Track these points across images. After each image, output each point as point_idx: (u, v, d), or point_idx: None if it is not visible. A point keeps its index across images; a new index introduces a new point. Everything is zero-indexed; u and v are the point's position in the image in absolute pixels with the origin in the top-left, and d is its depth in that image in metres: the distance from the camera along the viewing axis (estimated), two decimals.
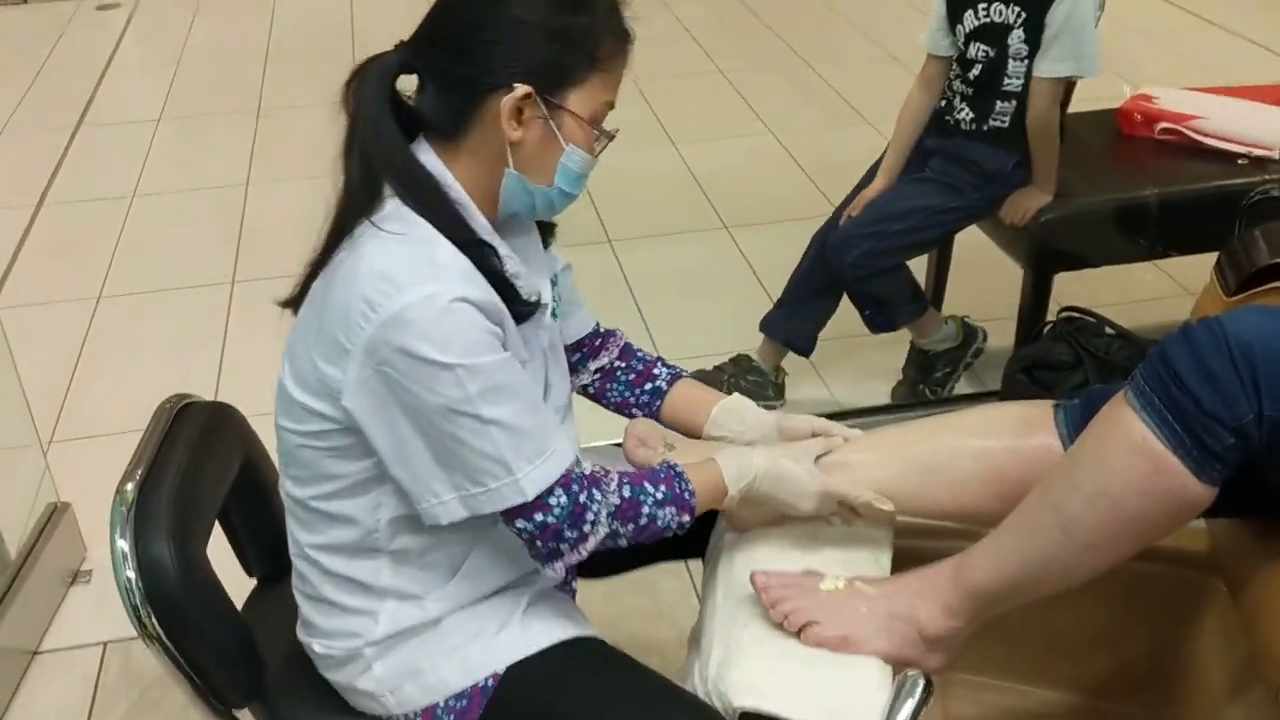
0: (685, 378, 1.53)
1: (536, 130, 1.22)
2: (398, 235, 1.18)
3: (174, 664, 1.33)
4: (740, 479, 1.31)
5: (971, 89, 2.33)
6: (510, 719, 1.28)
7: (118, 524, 1.30)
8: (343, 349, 1.17)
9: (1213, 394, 1.10)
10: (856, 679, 1.27)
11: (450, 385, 1.14)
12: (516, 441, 1.17)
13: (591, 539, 1.22)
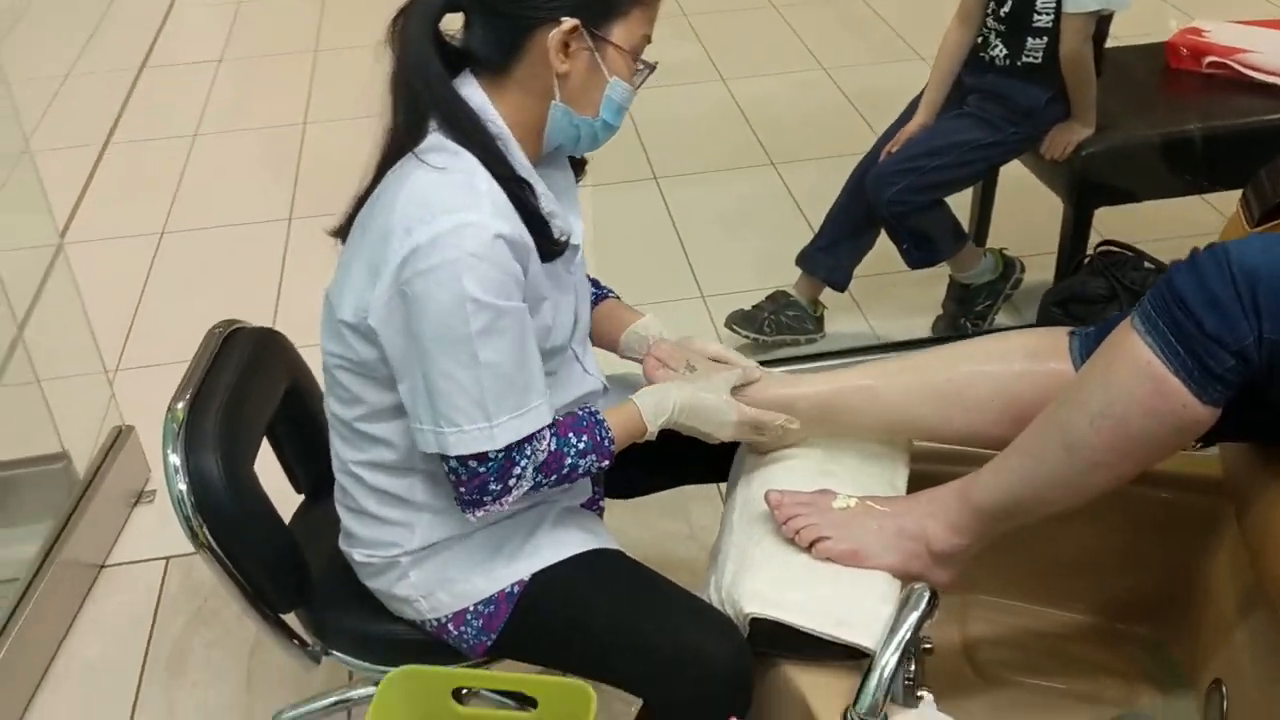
0: (611, 299, 1.60)
1: (582, 63, 1.26)
2: (438, 165, 1.24)
3: (225, 571, 1.43)
4: (658, 415, 1.38)
5: (1004, 25, 2.32)
6: (534, 623, 1.36)
7: (169, 440, 1.39)
8: (377, 270, 1.23)
9: (1215, 317, 1.13)
10: (864, 591, 1.33)
11: (455, 316, 1.19)
12: (501, 390, 1.23)
13: (515, 492, 1.28)
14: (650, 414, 1.38)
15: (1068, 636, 1.71)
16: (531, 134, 1.31)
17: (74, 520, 2.12)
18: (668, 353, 1.48)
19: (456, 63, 1.29)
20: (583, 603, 1.36)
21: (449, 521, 1.37)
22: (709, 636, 1.31)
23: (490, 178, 1.24)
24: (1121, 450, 1.21)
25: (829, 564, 1.35)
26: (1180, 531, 1.61)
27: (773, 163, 3.43)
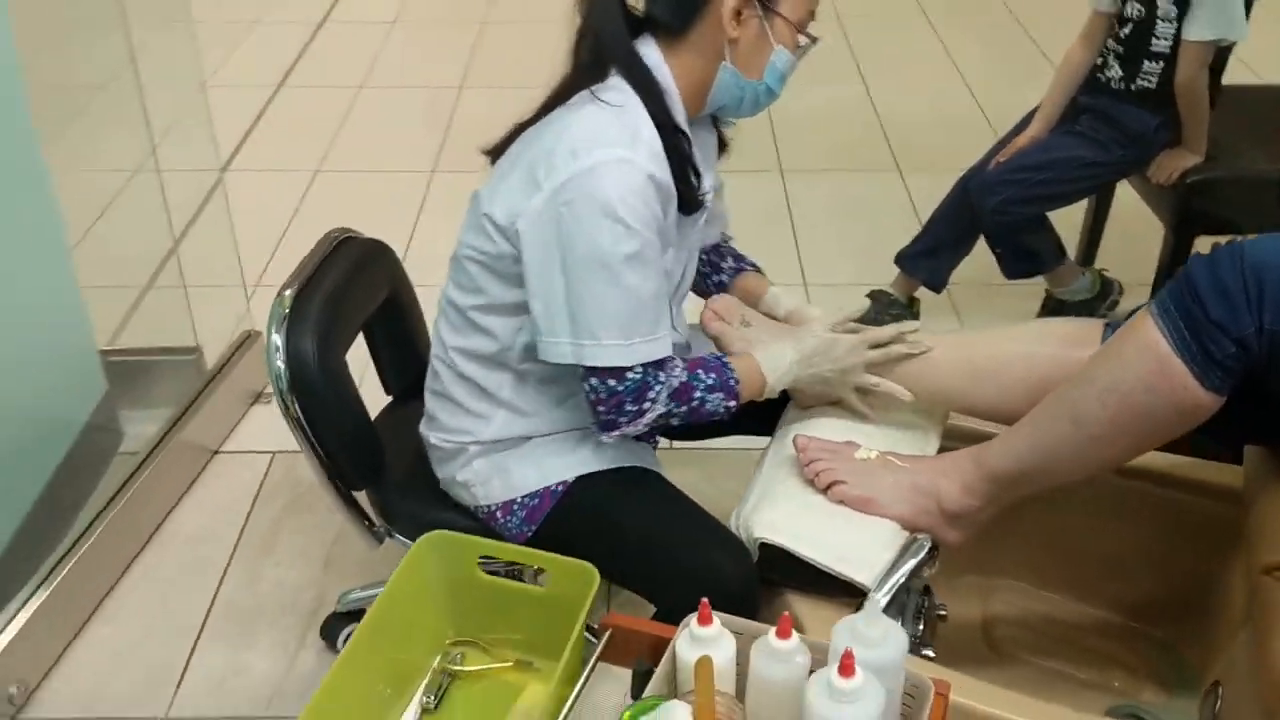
0: (748, 270, 1.70)
1: (752, 30, 1.39)
2: (612, 106, 1.37)
3: (308, 444, 1.60)
4: (775, 370, 1.48)
5: (1122, 47, 2.36)
6: (571, 519, 1.49)
7: (274, 322, 1.57)
8: (536, 183, 1.36)
9: (1221, 304, 1.19)
10: (869, 534, 1.42)
11: (607, 238, 1.32)
12: (638, 313, 1.35)
13: (650, 414, 1.40)
14: (768, 366, 1.48)
15: (1084, 628, 1.77)
16: (697, 94, 1.44)
17: (196, 407, 2.34)
18: (724, 307, 1.60)
19: (634, 28, 1.42)
20: (615, 509, 1.49)
21: (521, 422, 1.52)
22: (722, 556, 1.42)
23: (653, 126, 1.37)
24: (1123, 425, 1.28)
25: (842, 507, 1.45)
26: (1204, 539, 1.65)
27: (898, 168, 3.50)
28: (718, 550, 1.43)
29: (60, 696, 1.89)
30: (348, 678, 1.21)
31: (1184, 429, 1.28)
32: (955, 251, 2.63)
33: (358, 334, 1.71)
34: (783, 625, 1.07)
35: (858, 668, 0.99)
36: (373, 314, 1.75)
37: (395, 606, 1.30)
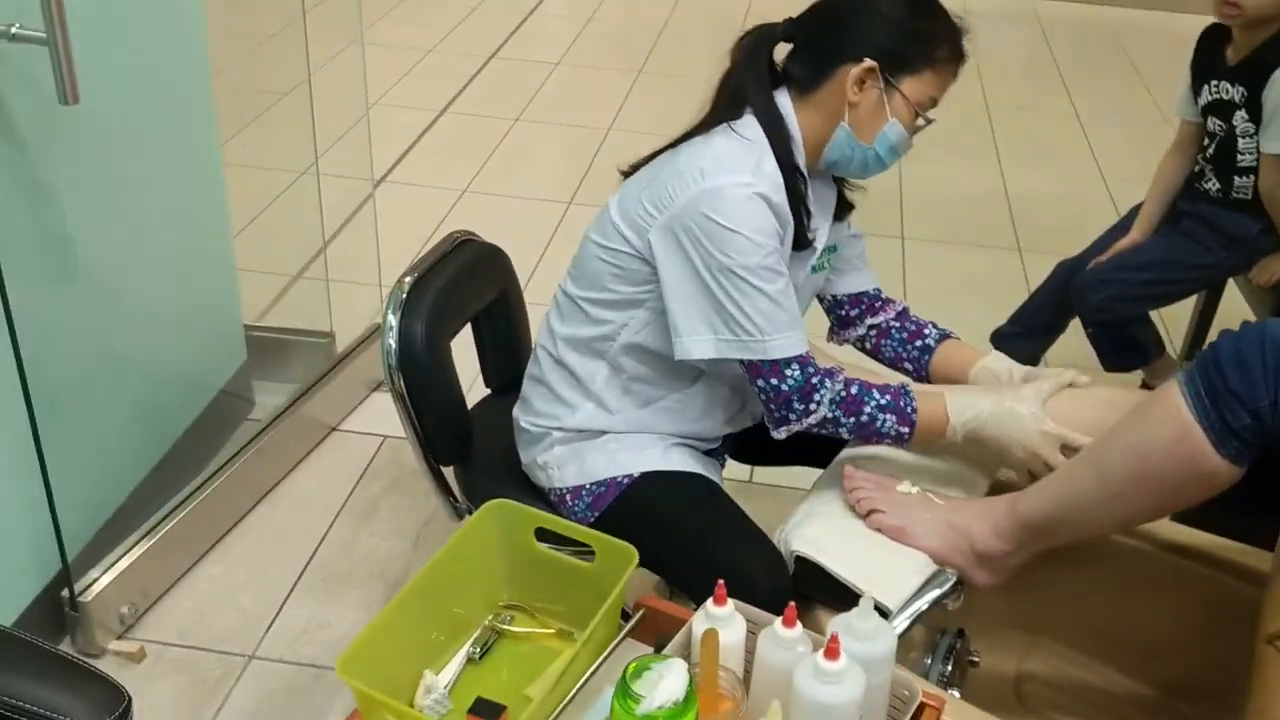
0: (953, 339, 1.78)
1: (872, 99, 1.53)
2: (741, 138, 1.53)
3: (407, 417, 1.77)
4: (962, 413, 1.54)
5: (1212, 164, 2.42)
6: (630, 511, 1.62)
7: (391, 303, 1.75)
8: (669, 198, 1.51)
9: (1239, 376, 1.27)
10: (900, 562, 1.52)
11: (738, 251, 1.46)
12: (774, 313, 1.49)
13: (815, 415, 1.52)
14: (955, 409, 1.54)
15: (1116, 696, 1.81)
16: (816, 145, 1.58)
17: (321, 385, 2.56)
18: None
19: (773, 79, 1.59)
20: (670, 506, 1.61)
21: (604, 417, 1.66)
22: (759, 563, 1.53)
23: (775, 163, 1.53)
24: (1143, 484, 1.35)
25: (878, 534, 1.55)
26: (1243, 623, 1.68)
27: (1019, 247, 3.56)
28: (756, 557, 1.54)
29: (164, 623, 2.09)
30: (402, 615, 1.36)
31: (1201, 494, 1.35)
32: (1049, 335, 2.69)
33: (464, 325, 1.88)
34: (788, 615, 1.18)
35: (842, 653, 1.10)
36: (481, 310, 1.91)
37: (455, 561, 1.44)
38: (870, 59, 1.52)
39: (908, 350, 1.78)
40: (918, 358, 1.76)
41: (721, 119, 1.56)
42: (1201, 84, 2.42)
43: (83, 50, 1.61)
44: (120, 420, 2.18)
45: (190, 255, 2.37)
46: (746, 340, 1.50)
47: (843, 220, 1.72)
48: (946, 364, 1.74)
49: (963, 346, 1.76)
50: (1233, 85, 2.34)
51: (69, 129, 1.92)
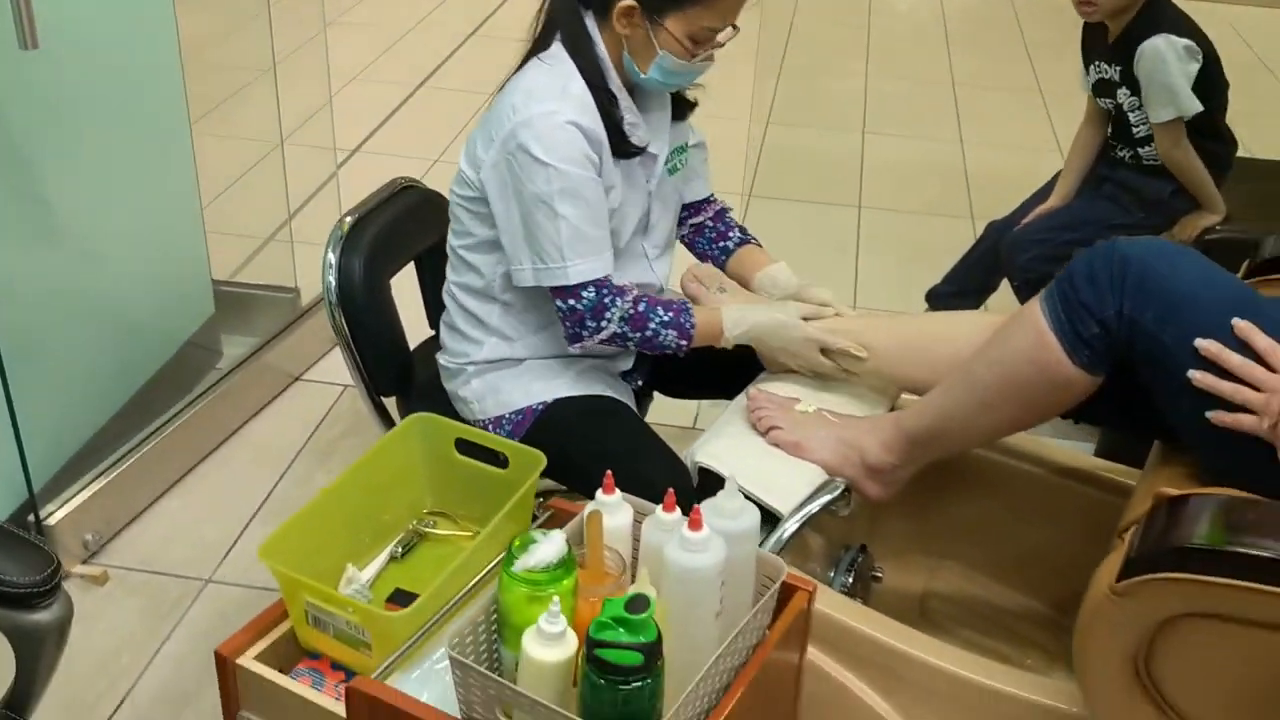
0: (751, 244, 1.92)
1: (640, 34, 1.64)
2: (549, 67, 1.66)
3: (348, 350, 1.88)
4: (736, 327, 1.70)
5: (1114, 135, 2.58)
6: (547, 434, 1.73)
7: (332, 243, 1.86)
8: (490, 137, 1.65)
9: (1089, 288, 1.38)
10: (793, 472, 1.63)
11: (541, 179, 1.59)
12: (575, 239, 1.61)
13: (606, 331, 1.65)
14: (730, 323, 1.70)
15: (1012, 612, 1.92)
16: (618, 67, 1.69)
17: (285, 336, 2.68)
18: (705, 273, 1.84)
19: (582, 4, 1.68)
20: (583, 428, 1.73)
21: (507, 346, 1.78)
22: (665, 473, 1.65)
23: (584, 84, 1.64)
24: (1008, 394, 1.47)
25: (776, 449, 1.67)
26: None
27: (972, 216, 3.67)
28: (662, 468, 1.66)
29: (126, 550, 2.22)
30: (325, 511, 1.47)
31: (1062, 402, 1.46)
32: (981, 294, 2.81)
33: (406, 264, 1.99)
34: (668, 501, 1.29)
35: (705, 525, 1.21)
36: (424, 252, 2.03)
37: (379, 468, 1.56)
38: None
39: (713, 249, 1.93)
40: (718, 256, 1.92)
41: (534, 51, 1.68)
42: (1088, 64, 2.57)
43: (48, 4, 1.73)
44: (87, 364, 2.30)
45: (156, 213, 2.49)
46: (552, 267, 1.61)
47: (684, 119, 1.82)
48: (740, 265, 1.89)
49: (756, 252, 1.91)
50: (1109, 65, 2.50)
51: (36, 85, 2.04)
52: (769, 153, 4.00)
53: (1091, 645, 1.26)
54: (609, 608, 1.12)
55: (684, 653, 1.22)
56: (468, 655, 1.24)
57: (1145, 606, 1.17)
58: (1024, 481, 1.88)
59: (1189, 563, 1.14)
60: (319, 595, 1.37)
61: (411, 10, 5.32)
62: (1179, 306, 1.33)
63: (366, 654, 1.37)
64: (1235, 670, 1.16)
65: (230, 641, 1.41)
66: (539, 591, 1.20)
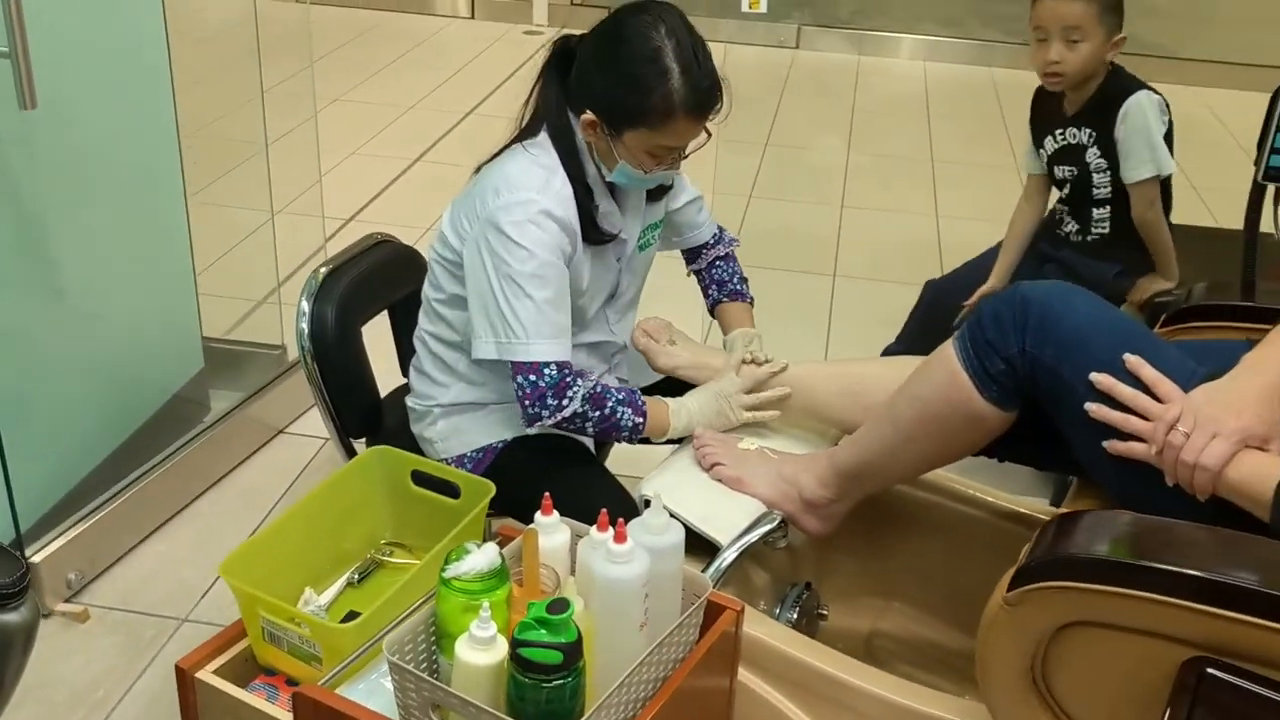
0: (742, 303, 2.06)
1: (602, 142, 1.75)
2: (533, 156, 1.77)
3: (319, 394, 1.99)
4: (678, 418, 1.82)
5: (1068, 205, 2.64)
6: (505, 470, 1.82)
7: (306, 292, 1.97)
8: (475, 213, 1.76)
9: (995, 328, 1.48)
10: (733, 505, 1.72)
11: (515, 261, 1.69)
12: (540, 320, 1.71)
13: (568, 410, 1.72)
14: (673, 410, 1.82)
15: (962, 654, 1.97)
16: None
17: (269, 389, 2.78)
18: (654, 327, 1.94)
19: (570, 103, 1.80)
20: (537, 466, 1.82)
21: (473, 391, 1.88)
22: (616, 508, 1.70)
23: (565, 177, 1.76)
24: (925, 428, 1.57)
25: (719, 484, 1.76)
26: None
27: None
28: (612, 501, 1.73)
29: (108, 590, 2.30)
30: (284, 534, 1.57)
31: (977, 437, 1.55)
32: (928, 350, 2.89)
33: (378, 313, 2.11)
34: (601, 521, 1.37)
35: (628, 539, 1.30)
36: (398, 303, 2.14)
37: (340, 497, 1.66)
38: (592, 112, 1.71)
39: (709, 291, 2.09)
40: (711, 301, 2.08)
41: (521, 137, 1.79)
42: (1044, 136, 2.65)
43: (48, 66, 1.86)
44: (77, 413, 2.41)
45: (152, 275, 2.64)
46: (513, 342, 1.70)
47: (659, 201, 1.94)
48: (722, 316, 2.06)
49: (733, 310, 2.05)
50: (1079, 129, 2.57)
51: (34, 144, 2.18)
52: (750, 225, 4.14)
53: (989, 655, 1.33)
54: (532, 610, 1.21)
55: (610, 661, 1.31)
56: (408, 663, 1.32)
57: (1035, 615, 1.26)
58: (969, 523, 1.96)
59: (1073, 572, 1.22)
60: (273, 610, 1.46)
61: (412, 90, 5.52)
62: (1075, 343, 1.43)
63: (318, 668, 1.45)
64: (1119, 676, 1.24)
65: (190, 656, 1.49)
66: (473, 601, 1.29)
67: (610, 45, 1.71)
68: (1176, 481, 1.34)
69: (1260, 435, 1.31)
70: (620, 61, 1.69)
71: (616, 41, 1.70)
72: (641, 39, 1.67)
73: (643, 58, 1.67)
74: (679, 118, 1.68)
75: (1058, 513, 1.38)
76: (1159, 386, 1.37)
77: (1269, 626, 1.14)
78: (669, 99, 1.67)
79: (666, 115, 1.67)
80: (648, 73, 1.67)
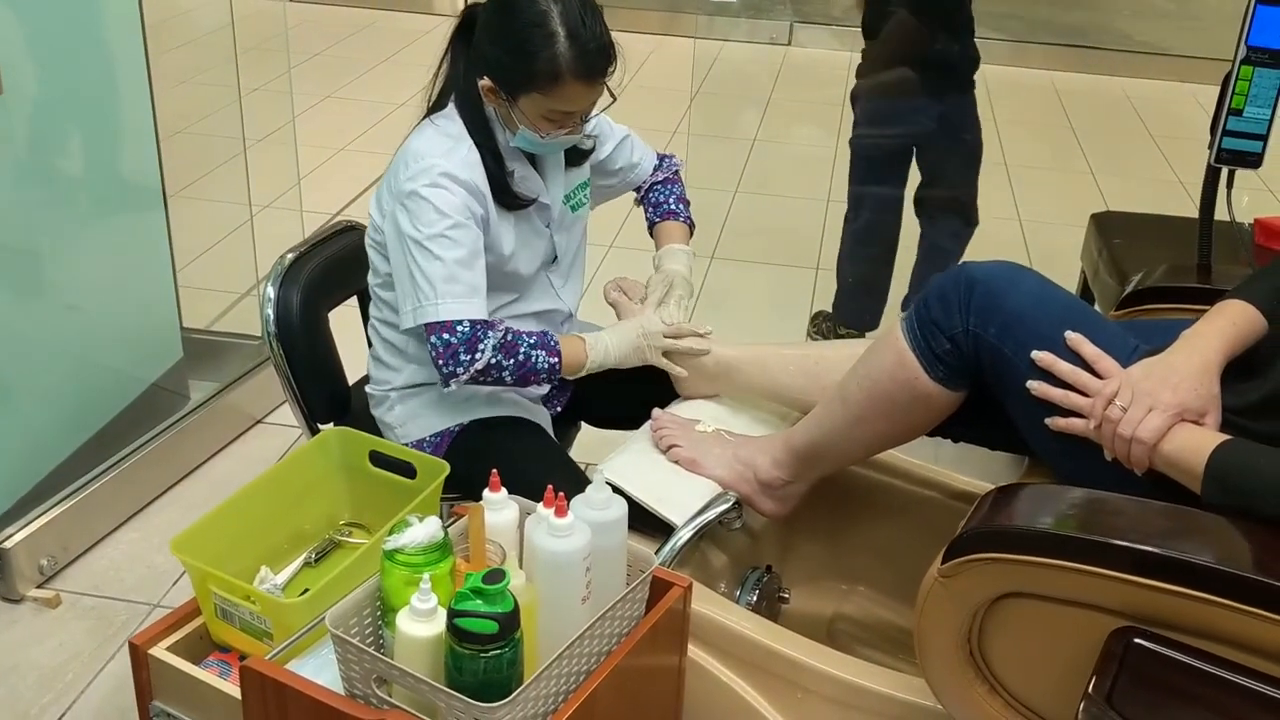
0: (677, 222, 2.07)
1: (503, 108, 1.77)
2: (437, 128, 1.79)
3: (285, 382, 2.00)
4: (593, 352, 1.82)
5: None
6: (464, 452, 1.84)
7: (272, 278, 1.98)
8: (390, 189, 1.78)
9: (940, 308, 1.49)
10: (689, 487, 1.74)
11: (423, 224, 1.71)
12: (449, 280, 1.72)
13: (480, 361, 1.73)
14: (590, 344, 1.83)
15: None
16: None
17: (247, 379, 2.80)
18: (628, 284, 1.97)
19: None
20: (495, 447, 1.83)
21: (424, 371, 1.89)
22: (571, 489, 1.73)
23: (472, 144, 1.77)
24: (876, 408, 1.58)
25: (675, 466, 1.77)
26: None
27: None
28: (568, 481, 1.75)
29: (81, 576, 2.31)
30: (239, 512, 1.58)
31: (927, 416, 1.56)
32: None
33: (344, 300, 2.11)
34: (547, 498, 1.39)
35: (569, 513, 1.31)
36: (365, 291, 2.15)
37: (297, 477, 1.67)
38: (489, 79, 1.74)
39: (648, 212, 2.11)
40: (650, 219, 2.10)
41: (430, 111, 1.82)
42: None
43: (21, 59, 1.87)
44: (53, 401, 2.43)
45: (130, 266, 2.67)
46: (424, 305, 1.72)
47: (580, 165, 1.95)
48: (657, 235, 2.08)
49: (666, 228, 2.06)
50: None
51: (11, 139, 2.20)
52: (734, 219, 4.15)
53: (926, 628, 1.35)
54: (468, 580, 1.22)
55: (553, 635, 1.32)
56: (353, 637, 1.33)
57: (969, 587, 1.27)
58: (926, 505, 1.97)
59: (1005, 544, 1.23)
60: (224, 586, 1.47)
61: (404, 86, 5.52)
62: (1018, 322, 1.44)
63: (270, 644, 1.47)
64: (1051, 646, 1.25)
65: (144, 632, 1.51)
66: (415, 575, 1.30)
67: (501, 13, 1.74)
68: (1115, 456, 1.35)
69: (1196, 409, 1.32)
70: (509, 27, 1.72)
71: (507, 8, 1.73)
72: (529, 4, 1.70)
73: (529, 23, 1.69)
74: (567, 81, 1.70)
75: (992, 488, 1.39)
76: (1099, 363, 1.38)
77: (1196, 596, 1.15)
78: (554, 62, 1.68)
79: (554, 78, 1.69)
80: (533, 36, 1.69)
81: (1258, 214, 2.91)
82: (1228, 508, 1.24)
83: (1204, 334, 1.39)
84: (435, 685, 1.22)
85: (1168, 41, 6.14)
